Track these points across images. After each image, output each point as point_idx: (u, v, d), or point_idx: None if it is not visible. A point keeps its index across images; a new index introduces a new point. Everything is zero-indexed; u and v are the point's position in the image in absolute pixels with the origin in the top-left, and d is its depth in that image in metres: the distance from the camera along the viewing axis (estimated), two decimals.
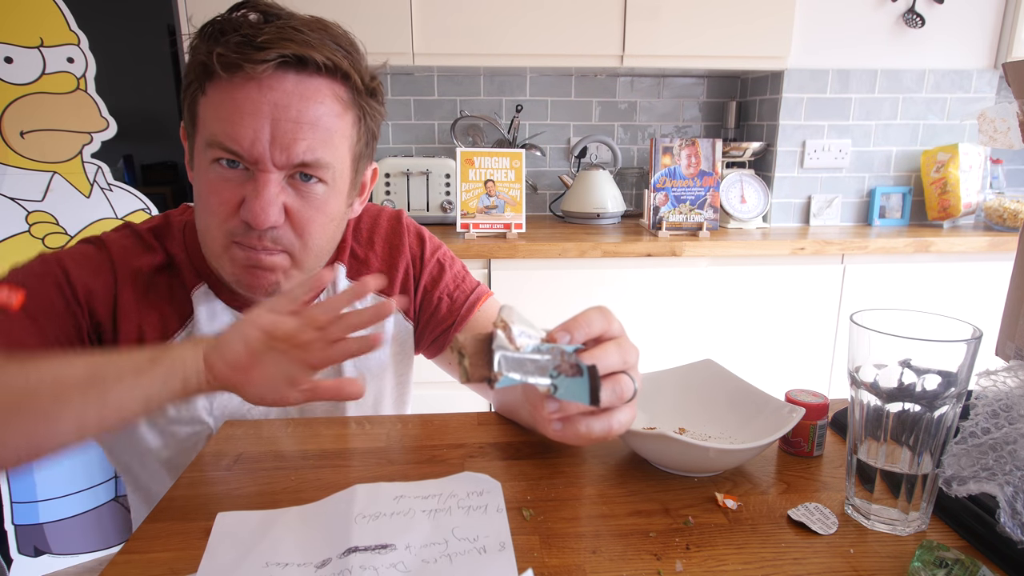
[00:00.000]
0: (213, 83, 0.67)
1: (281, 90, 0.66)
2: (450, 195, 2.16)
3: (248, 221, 0.68)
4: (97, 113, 1.70)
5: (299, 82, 0.66)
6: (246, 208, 0.68)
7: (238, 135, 0.65)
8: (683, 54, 2.09)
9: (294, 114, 0.66)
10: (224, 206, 0.69)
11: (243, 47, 0.64)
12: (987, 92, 2.26)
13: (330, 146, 0.70)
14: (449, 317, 0.92)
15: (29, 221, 1.69)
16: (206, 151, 0.69)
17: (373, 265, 0.89)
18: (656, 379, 0.79)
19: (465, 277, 0.95)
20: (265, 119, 0.65)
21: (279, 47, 0.64)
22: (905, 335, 0.52)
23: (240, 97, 0.65)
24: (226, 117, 0.66)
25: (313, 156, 0.68)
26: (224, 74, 0.65)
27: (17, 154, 1.65)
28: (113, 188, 1.76)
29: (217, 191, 0.69)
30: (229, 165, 0.68)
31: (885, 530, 0.57)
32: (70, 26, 1.65)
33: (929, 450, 0.54)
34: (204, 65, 0.66)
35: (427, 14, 1.99)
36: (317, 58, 0.66)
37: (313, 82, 0.67)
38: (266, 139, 0.66)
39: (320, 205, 0.72)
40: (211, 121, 0.67)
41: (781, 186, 2.28)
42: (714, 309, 2.04)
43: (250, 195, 0.67)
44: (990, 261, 2.07)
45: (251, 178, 0.68)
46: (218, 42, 0.65)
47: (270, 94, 0.65)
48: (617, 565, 0.53)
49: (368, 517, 0.56)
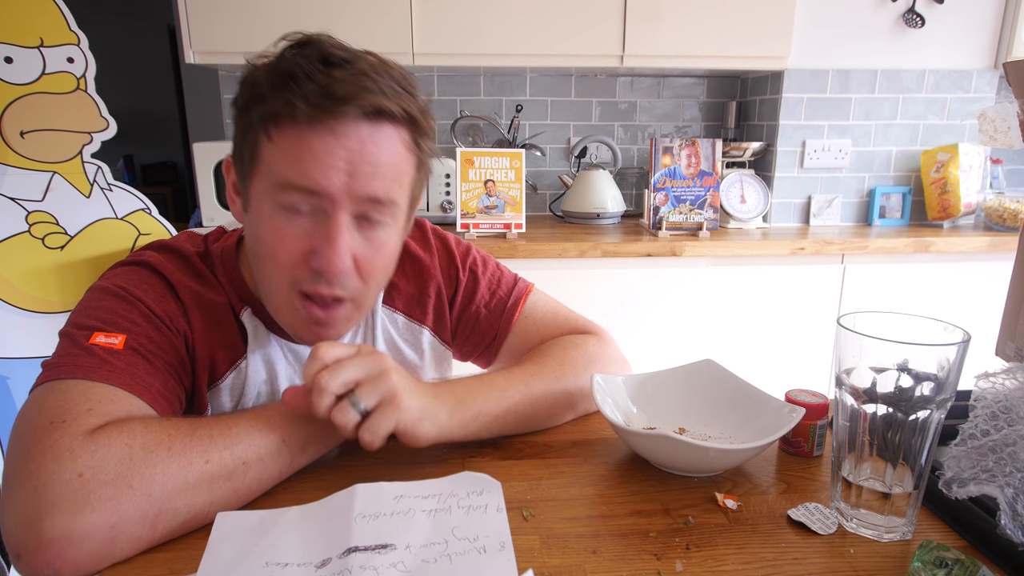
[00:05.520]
0: (282, 130, 0.65)
1: (356, 138, 0.65)
2: (450, 195, 2.16)
3: (321, 269, 0.67)
4: (97, 113, 1.70)
5: (373, 131, 0.66)
6: (319, 256, 0.66)
7: (315, 174, 0.64)
8: (683, 54, 2.09)
9: (370, 158, 0.66)
10: (291, 254, 0.67)
11: (321, 99, 0.63)
12: (987, 92, 2.26)
13: (401, 187, 0.70)
14: (491, 329, 0.90)
15: (29, 221, 1.69)
16: (274, 194, 0.66)
17: (403, 290, 0.87)
18: (656, 379, 0.79)
19: (501, 279, 0.92)
20: (342, 161, 0.65)
21: (359, 99, 0.63)
22: (893, 339, 0.52)
23: (315, 143, 0.64)
24: (301, 160, 0.64)
25: (388, 195, 0.68)
26: (304, 124, 0.64)
27: (17, 154, 1.65)
28: (113, 188, 1.75)
29: (283, 239, 0.67)
30: (296, 210, 0.66)
31: (869, 535, 0.57)
32: (70, 26, 1.65)
33: (911, 463, 0.54)
34: (276, 114, 0.64)
35: (427, 14, 1.99)
36: (394, 109, 0.66)
37: (385, 130, 0.67)
38: (343, 177, 0.65)
39: (384, 247, 0.71)
40: (281, 165, 0.65)
41: (781, 186, 2.28)
42: (714, 309, 2.04)
43: (322, 243, 0.66)
44: (990, 261, 2.07)
45: (322, 224, 0.67)
46: (290, 89, 0.63)
47: (346, 141, 0.64)
48: (617, 565, 0.53)
49: (368, 517, 0.56)
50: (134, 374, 0.64)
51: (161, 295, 0.71)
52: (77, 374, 0.61)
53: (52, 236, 1.71)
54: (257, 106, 0.66)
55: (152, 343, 0.67)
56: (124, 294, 0.69)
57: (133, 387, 0.63)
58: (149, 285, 0.71)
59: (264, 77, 0.66)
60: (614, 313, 1.99)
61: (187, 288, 0.73)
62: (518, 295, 0.91)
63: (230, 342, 0.76)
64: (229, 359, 0.76)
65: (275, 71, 0.65)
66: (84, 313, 0.68)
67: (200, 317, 0.73)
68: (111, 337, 0.64)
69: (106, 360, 0.62)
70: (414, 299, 0.88)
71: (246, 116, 0.68)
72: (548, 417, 0.78)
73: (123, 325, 0.66)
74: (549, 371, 0.79)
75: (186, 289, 0.73)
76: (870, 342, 0.53)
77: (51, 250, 1.71)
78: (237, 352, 0.76)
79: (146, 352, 0.66)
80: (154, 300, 0.70)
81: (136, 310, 0.68)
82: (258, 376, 0.77)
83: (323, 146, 0.64)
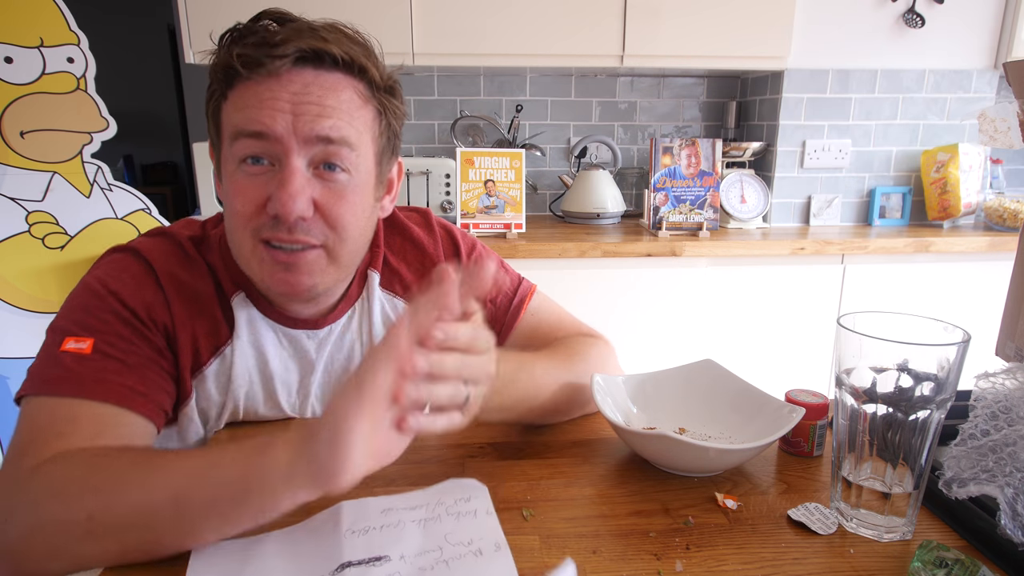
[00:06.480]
0: (234, 87, 0.68)
1: (300, 82, 0.67)
2: (450, 195, 2.16)
3: (277, 213, 0.67)
4: (97, 113, 1.70)
5: (318, 75, 0.68)
6: (274, 200, 0.67)
7: (261, 117, 0.66)
8: (683, 54, 2.09)
9: (315, 98, 0.67)
10: (250, 204, 0.68)
11: (261, 46, 0.66)
12: (987, 92, 2.26)
13: (353, 129, 0.70)
14: (494, 325, 0.90)
15: (29, 221, 1.69)
16: (231, 148, 0.69)
17: (405, 276, 0.88)
18: (656, 379, 0.79)
19: (505, 277, 0.93)
20: (287, 103, 0.67)
21: (296, 42, 0.66)
22: (893, 339, 0.52)
23: (261, 89, 0.67)
24: (248, 107, 0.67)
25: (338, 133, 0.68)
26: (244, 72, 0.66)
27: (17, 154, 1.65)
28: (113, 188, 1.75)
29: (243, 191, 0.69)
30: (254, 163, 0.68)
31: (869, 535, 0.57)
32: (70, 26, 1.65)
33: (911, 463, 0.54)
34: (224, 68, 0.68)
35: (427, 14, 1.99)
36: (334, 51, 0.68)
37: (332, 76, 0.69)
38: (288, 116, 0.67)
39: (347, 194, 0.71)
40: (235, 117, 0.68)
41: (781, 186, 2.28)
42: (714, 309, 2.04)
43: (276, 188, 0.67)
44: (990, 261, 2.07)
45: (277, 173, 0.68)
46: (236, 44, 0.67)
47: (289, 85, 0.67)
48: (617, 565, 0.53)
49: (358, 532, 0.55)
50: (102, 379, 0.66)
51: (140, 285, 0.72)
52: (45, 390, 0.65)
53: (52, 236, 1.71)
54: (213, 72, 0.70)
55: (123, 341, 0.69)
56: (100, 289, 0.71)
57: (98, 394, 0.65)
58: (130, 275, 0.73)
59: (218, 43, 0.70)
60: (614, 313, 1.99)
61: (170, 275, 0.74)
62: (523, 294, 0.92)
63: (213, 328, 0.76)
64: (212, 345, 0.76)
65: (227, 34, 0.69)
66: (65, 310, 0.71)
67: (181, 305, 0.74)
68: (81, 342, 0.67)
69: (72, 370, 0.65)
70: (416, 286, 0.88)
71: (209, 89, 0.71)
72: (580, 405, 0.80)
73: (94, 326, 0.68)
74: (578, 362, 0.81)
75: (168, 276, 0.74)
76: (870, 342, 0.53)
77: (51, 250, 1.72)
78: (221, 338, 0.77)
79: (116, 352, 0.68)
80: (131, 292, 0.71)
81: (108, 307, 0.70)
82: (246, 361, 0.78)
83: (268, 91, 0.66)
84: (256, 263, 0.71)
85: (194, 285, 0.76)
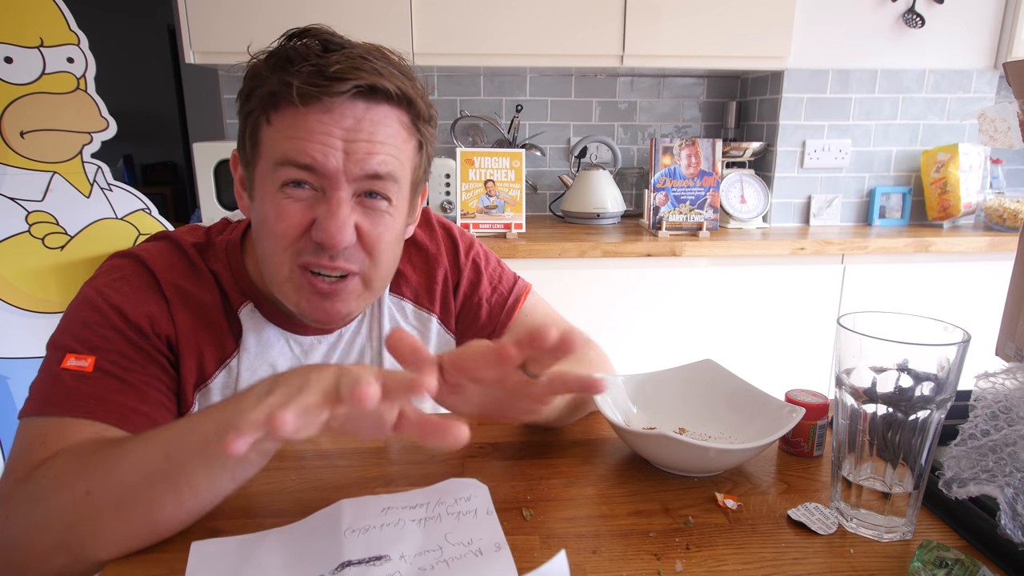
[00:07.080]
0: (281, 112, 0.67)
1: (352, 117, 0.66)
2: (450, 195, 2.16)
3: (322, 241, 0.67)
4: (97, 113, 1.70)
5: (368, 109, 0.67)
6: (319, 228, 0.67)
7: (311, 151, 0.65)
8: (683, 54, 2.09)
9: (366, 135, 0.67)
10: (294, 228, 0.67)
11: (316, 77, 0.64)
12: (987, 92, 2.26)
13: (398, 162, 0.70)
14: (490, 323, 0.90)
15: (29, 221, 1.69)
16: (274, 173, 0.67)
17: (412, 279, 0.88)
18: (656, 379, 0.79)
19: (502, 275, 0.93)
20: (338, 139, 0.66)
21: (353, 77, 0.65)
22: (893, 339, 0.52)
23: (312, 121, 0.65)
24: (299, 138, 0.65)
25: (386, 168, 0.68)
26: (298, 103, 0.65)
27: (17, 154, 1.65)
28: (113, 188, 1.75)
29: (285, 214, 0.67)
30: (296, 187, 0.67)
31: (869, 535, 0.57)
32: (70, 26, 1.65)
33: (911, 463, 0.54)
34: (273, 95, 0.66)
35: (427, 14, 1.99)
36: (389, 87, 0.67)
37: (381, 109, 0.68)
38: (340, 154, 0.66)
39: (387, 223, 0.71)
40: (281, 144, 0.66)
41: (781, 186, 2.28)
42: (714, 309, 2.04)
43: (323, 215, 0.67)
44: (990, 261, 2.07)
45: (323, 199, 0.67)
46: (288, 72, 0.65)
47: (342, 120, 0.66)
48: (617, 565, 0.53)
49: (358, 531, 0.55)
50: (102, 397, 0.65)
51: (143, 296, 0.71)
52: (46, 410, 0.64)
53: (52, 236, 1.71)
54: (258, 91, 0.68)
55: (125, 358, 0.68)
56: (102, 303, 0.69)
57: (98, 413, 0.64)
58: (132, 286, 0.71)
59: (264, 64, 0.68)
60: (614, 313, 1.99)
61: (173, 285, 0.73)
62: (518, 293, 0.92)
63: (218, 340, 0.75)
64: (217, 358, 0.75)
65: (274, 57, 0.67)
66: (66, 324, 0.70)
67: (185, 315, 0.73)
68: (82, 360, 0.66)
69: (72, 389, 0.64)
70: (422, 287, 0.88)
71: (248, 104, 0.69)
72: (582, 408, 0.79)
73: (95, 343, 0.67)
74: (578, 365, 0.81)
75: (172, 286, 0.73)
76: (870, 342, 0.53)
77: (51, 250, 1.72)
78: (226, 351, 0.76)
79: (118, 370, 0.67)
80: (133, 305, 0.70)
81: (109, 323, 0.68)
82: (255, 373, 0.77)
83: (319, 124, 0.65)
84: (292, 288, 0.71)
85: (198, 295, 0.74)
